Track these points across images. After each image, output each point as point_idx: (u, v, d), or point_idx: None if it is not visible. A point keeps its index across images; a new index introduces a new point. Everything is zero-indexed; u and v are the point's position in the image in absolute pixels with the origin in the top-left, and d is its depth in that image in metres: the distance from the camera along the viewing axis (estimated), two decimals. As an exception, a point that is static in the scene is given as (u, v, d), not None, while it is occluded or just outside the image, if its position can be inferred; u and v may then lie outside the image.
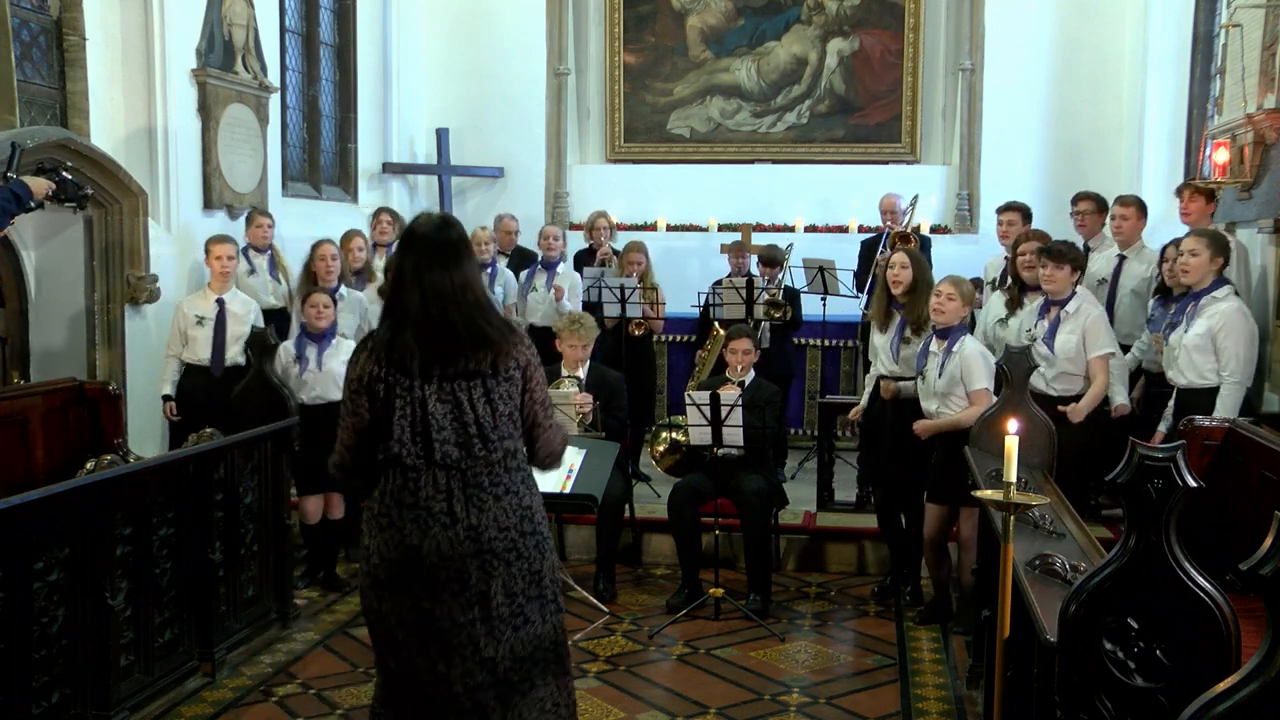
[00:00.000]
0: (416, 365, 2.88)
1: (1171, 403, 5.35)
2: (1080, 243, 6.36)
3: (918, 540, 5.75)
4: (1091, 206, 6.63)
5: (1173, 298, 5.65)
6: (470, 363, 2.90)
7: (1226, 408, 5.06)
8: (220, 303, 6.39)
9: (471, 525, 2.88)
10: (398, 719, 3.03)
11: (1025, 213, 6.83)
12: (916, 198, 8.04)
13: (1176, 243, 5.67)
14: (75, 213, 5.47)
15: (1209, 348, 5.15)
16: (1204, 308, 5.19)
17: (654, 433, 6.40)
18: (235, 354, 6.35)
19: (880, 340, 5.69)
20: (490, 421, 2.91)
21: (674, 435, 6.10)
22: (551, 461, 3.14)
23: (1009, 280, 6.23)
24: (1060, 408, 5.30)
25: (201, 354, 6.34)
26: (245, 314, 6.44)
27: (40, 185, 4.36)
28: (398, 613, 2.92)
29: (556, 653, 3.05)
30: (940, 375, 5.19)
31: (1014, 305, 5.97)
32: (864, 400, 5.92)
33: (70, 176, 4.65)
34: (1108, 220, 6.52)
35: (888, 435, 5.58)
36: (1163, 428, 5.34)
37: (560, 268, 7.79)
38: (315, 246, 6.81)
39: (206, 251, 6.53)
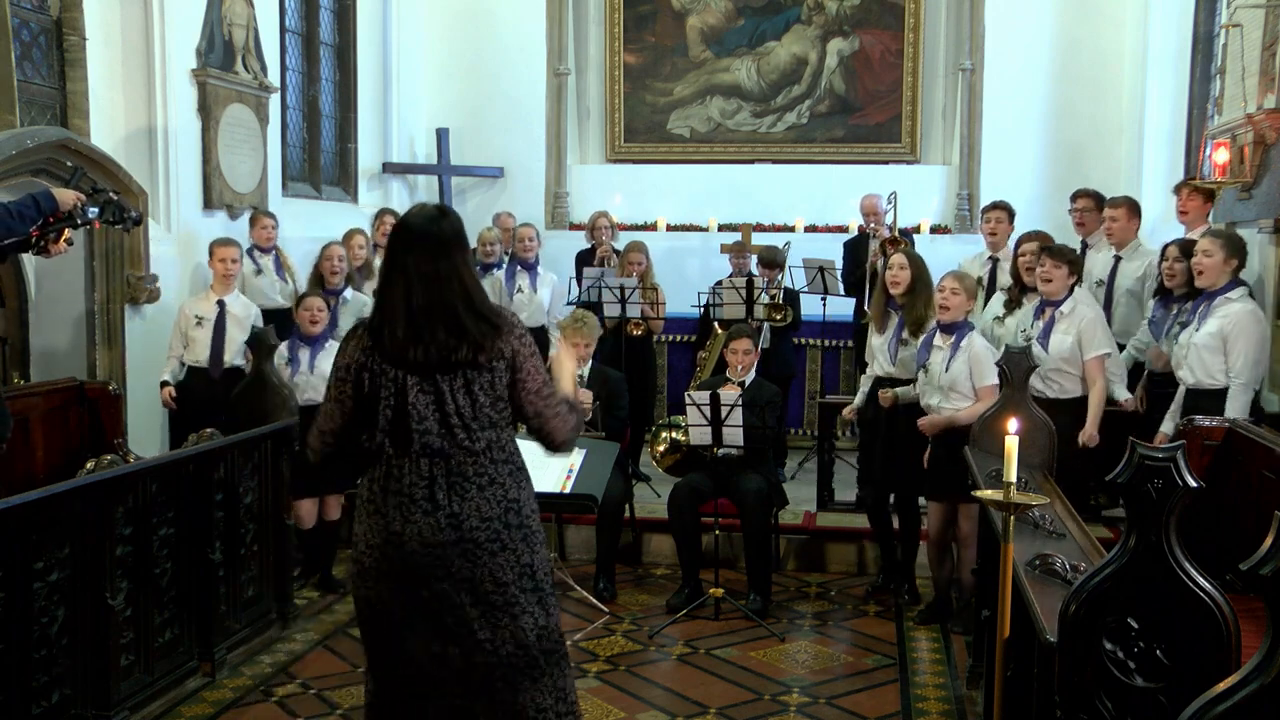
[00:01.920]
0: (400, 355, 2.90)
1: (1178, 401, 5.28)
2: (1078, 239, 6.38)
3: (913, 540, 5.77)
4: (1090, 204, 6.65)
5: (1174, 298, 5.61)
6: (451, 353, 2.90)
7: (1235, 410, 4.97)
8: (221, 304, 6.42)
9: (453, 513, 2.89)
10: (391, 714, 3.02)
11: (1010, 211, 6.89)
12: (894, 194, 7.99)
13: (1179, 243, 5.67)
14: (126, 232, 5.56)
15: (1219, 348, 5.05)
16: (1216, 308, 5.10)
17: (654, 433, 6.40)
18: (233, 356, 6.37)
19: (878, 341, 5.69)
20: (470, 412, 2.91)
21: (674, 435, 6.09)
22: (566, 447, 3.14)
23: (995, 279, 6.24)
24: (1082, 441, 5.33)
25: (201, 355, 6.36)
26: (245, 316, 6.47)
27: (68, 196, 4.33)
28: (385, 599, 2.94)
29: (559, 645, 3.06)
30: (946, 370, 5.20)
31: (1013, 305, 5.97)
32: (859, 399, 5.92)
33: (116, 198, 4.62)
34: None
35: (883, 436, 5.58)
36: (1168, 427, 5.25)
37: (540, 268, 7.80)
38: (324, 248, 6.86)
39: (210, 254, 6.56)
